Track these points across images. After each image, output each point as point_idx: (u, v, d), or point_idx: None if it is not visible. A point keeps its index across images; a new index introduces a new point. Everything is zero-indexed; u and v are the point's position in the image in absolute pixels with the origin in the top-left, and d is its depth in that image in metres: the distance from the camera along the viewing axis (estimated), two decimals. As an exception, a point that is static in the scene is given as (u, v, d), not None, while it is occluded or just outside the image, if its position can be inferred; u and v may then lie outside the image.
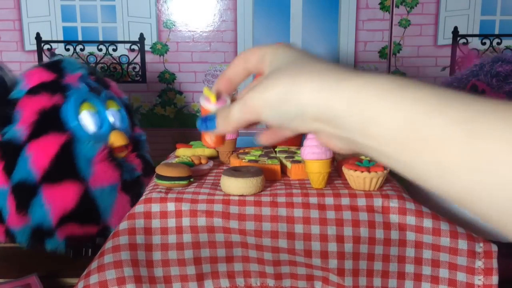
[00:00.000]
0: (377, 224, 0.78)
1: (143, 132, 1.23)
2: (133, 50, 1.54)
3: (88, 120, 1.04)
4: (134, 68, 1.56)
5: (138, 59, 1.55)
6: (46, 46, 1.53)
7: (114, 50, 1.54)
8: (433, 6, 1.52)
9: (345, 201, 0.79)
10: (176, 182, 0.84)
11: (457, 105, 0.25)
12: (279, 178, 0.91)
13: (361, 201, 0.79)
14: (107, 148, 1.04)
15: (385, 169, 0.81)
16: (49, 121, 1.00)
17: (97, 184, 1.01)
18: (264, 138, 0.39)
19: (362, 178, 0.80)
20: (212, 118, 0.38)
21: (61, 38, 1.53)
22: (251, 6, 1.52)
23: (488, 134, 0.23)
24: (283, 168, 0.94)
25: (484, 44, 1.55)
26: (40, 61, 1.53)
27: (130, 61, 1.55)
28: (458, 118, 0.24)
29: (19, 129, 0.99)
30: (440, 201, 0.94)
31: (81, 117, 1.03)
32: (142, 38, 1.54)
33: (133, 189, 1.09)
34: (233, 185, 0.80)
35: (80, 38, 1.53)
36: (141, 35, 1.54)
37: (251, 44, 1.54)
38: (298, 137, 1.08)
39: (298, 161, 0.92)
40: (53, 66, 1.10)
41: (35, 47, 1.53)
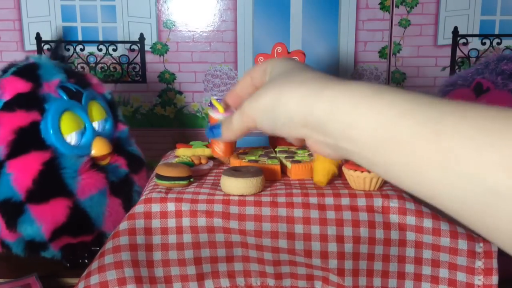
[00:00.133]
0: (377, 224, 0.78)
1: (126, 127, 1.17)
2: (133, 50, 1.54)
3: (70, 135, 1.00)
4: (134, 68, 1.56)
5: (138, 59, 1.55)
6: (46, 46, 1.53)
7: (114, 50, 1.54)
8: (433, 6, 1.52)
9: (345, 201, 0.80)
10: (176, 182, 0.84)
11: (426, 108, 0.26)
12: (279, 178, 0.91)
13: (361, 201, 0.79)
14: (91, 160, 1.02)
15: (385, 169, 0.81)
16: (28, 140, 0.96)
17: (86, 195, 0.99)
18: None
19: (362, 178, 0.80)
20: (218, 127, 0.41)
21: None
22: (251, 6, 1.52)
23: (452, 133, 0.24)
24: (283, 168, 0.94)
25: (484, 44, 1.55)
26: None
27: (130, 61, 1.55)
28: (426, 120, 0.25)
29: None
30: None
31: (62, 131, 0.99)
32: (142, 38, 1.54)
33: (123, 190, 1.07)
34: (233, 185, 0.80)
35: (80, 38, 1.53)
36: (141, 35, 1.54)
37: (251, 44, 1.54)
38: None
39: (298, 161, 0.92)
40: (29, 74, 1.02)
41: (35, 47, 1.53)
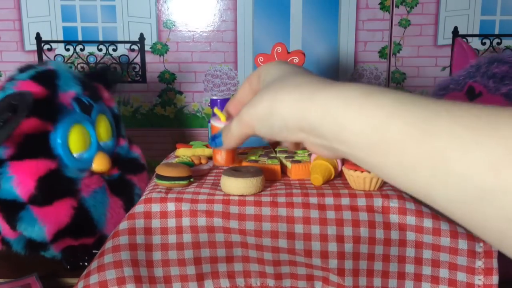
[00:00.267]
0: (377, 224, 0.78)
1: (126, 143, 1.20)
2: (133, 50, 1.54)
3: (78, 153, 1.03)
4: (134, 68, 1.56)
5: (138, 59, 1.55)
6: (46, 46, 1.53)
7: (114, 50, 1.54)
8: (433, 6, 1.52)
9: (345, 201, 0.79)
10: (176, 182, 0.84)
11: (414, 108, 0.26)
12: (279, 178, 0.91)
13: (361, 201, 0.79)
14: (90, 172, 1.05)
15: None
16: (36, 146, 0.97)
17: (89, 190, 1.01)
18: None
19: (362, 178, 0.80)
20: (219, 136, 0.40)
21: (61, 38, 1.53)
22: (251, 6, 1.52)
23: (440, 132, 0.24)
24: (283, 168, 0.94)
25: (484, 44, 1.55)
26: (40, 62, 1.53)
27: (130, 61, 1.55)
28: (414, 120, 0.26)
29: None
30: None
31: (70, 147, 1.01)
32: (142, 38, 1.54)
33: (122, 190, 1.09)
34: (233, 185, 0.80)
35: (80, 38, 1.53)
36: (141, 35, 1.54)
37: (251, 44, 1.54)
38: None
39: (298, 161, 0.92)
40: (47, 81, 1.03)
41: (35, 47, 1.53)
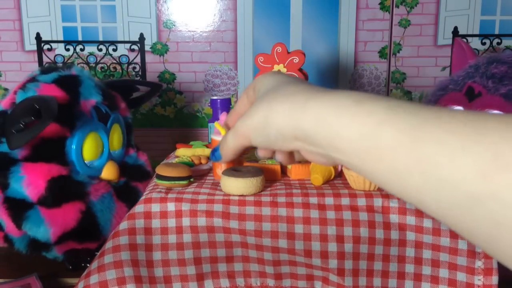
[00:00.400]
0: (377, 224, 0.78)
1: (134, 152, 1.22)
2: (133, 50, 1.54)
3: (90, 161, 1.05)
4: (134, 68, 1.56)
5: (138, 59, 1.55)
6: (46, 46, 1.53)
7: (114, 50, 1.54)
8: (433, 6, 1.52)
9: (345, 201, 0.79)
10: (176, 182, 0.84)
11: (405, 115, 0.27)
12: (279, 178, 0.91)
13: (361, 201, 0.79)
14: (99, 179, 1.06)
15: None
16: (52, 151, 0.98)
17: (98, 195, 1.02)
18: (261, 153, 0.42)
19: (362, 178, 0.80)
20: (218, 149, 0.40)
21: (61, 38, 1.53)
22: (251, 6, 1.52)
23: (429, 139, 0.25)
24: (283, 168, 0.94)
25: (484, 44, 1.55)
26: (40, 62, 1.54)
27: (130, 61, 1.55)
28: (405, 127, 0.26)
29: None
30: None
31: (84, 155, 1.03)
32: (142, 38, 1.54)
33: (128, 196, 1.10)
34: (233, 185, 0.80)
35: (80, 38, 1.53)
36: (141, 35, 1.54)
37: (251, 44, 1.54)
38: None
39: (298, 161, 0.92)
40: (70, 87, 1.04)
41: (35, 47, 1.53)
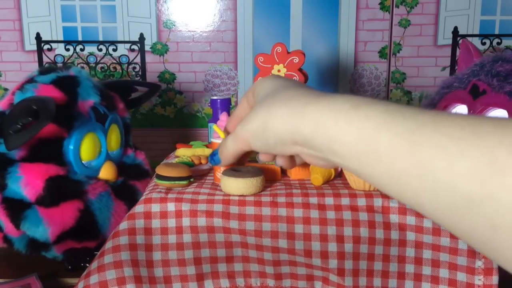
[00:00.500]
0: (377, 224, 0.78)
1: (133, 152, 1.21)
2: (133, 50, 1.54)
3: (88, 162, 1.05)
4: (134, 68, 1.56)
5: (138, 59, 1.55)
6: (46, 46, 1.53)
7: (114, 50, 1.54)
8: (433, 6, 1.52)
9: (345, 201, 0.79)
10: (176, 182, 0.84)
11: (403, 120, 0.27)
12: (279, 178, 0.91)
13: (361, 201, 0.79)
14: (96, 179, 1.06)
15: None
16: (49, 151, 0.98)
17: (96, 193, 1.02)
18: (262, 157, 0.42)
19: (362, 178, 0.80)
20: (217, 153, 0.40)
21: (61, 38, 1.53)
22: (251, 6, 1.52)
23: (426, 143, 0.25)
24: (283, 168, 0.94)
25: (484, 44, 1.55)
26: (40, 62, 1.54)
27: (130, 61, 1.55)
28: (403, 131, 0.27)
29: None
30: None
31: (81, 155, 1.03)
32: (142, 38, 1.54)
33: (126, 194, 1.09)
34: (233, 185, 0.80)
35: (80, 38, 1.53)
36: (141, 35, 1.54)
37: (251, 44, 1.54)
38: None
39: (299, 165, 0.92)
40: (68, 88, 1.04)
41: (35, 47, 1.53)
